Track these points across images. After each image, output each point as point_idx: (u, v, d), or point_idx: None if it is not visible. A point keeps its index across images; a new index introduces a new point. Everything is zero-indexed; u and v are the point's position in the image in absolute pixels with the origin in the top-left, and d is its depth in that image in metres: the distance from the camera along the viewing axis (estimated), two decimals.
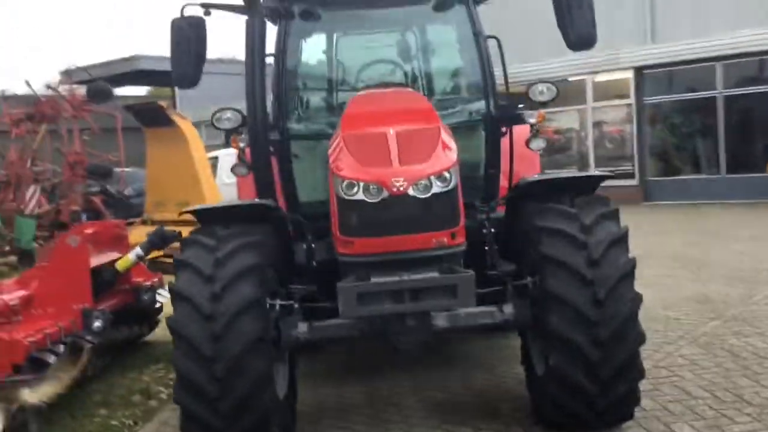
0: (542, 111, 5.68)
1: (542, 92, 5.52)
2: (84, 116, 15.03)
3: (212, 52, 5.37)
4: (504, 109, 5.73)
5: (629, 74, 19.65)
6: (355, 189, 4.12)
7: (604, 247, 4.16)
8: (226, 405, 4.03)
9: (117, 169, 16.00)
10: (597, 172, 4.93)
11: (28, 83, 15.31)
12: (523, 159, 5.96)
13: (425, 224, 4.14)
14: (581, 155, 20.93)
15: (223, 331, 4.00)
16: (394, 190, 4.06)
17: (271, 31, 5.72)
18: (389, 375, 5.84)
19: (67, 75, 15.41)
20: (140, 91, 40.94)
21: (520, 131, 5.78)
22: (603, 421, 4.29)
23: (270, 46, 5.72)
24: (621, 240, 4.25)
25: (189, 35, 5.37)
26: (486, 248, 4.80)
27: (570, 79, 20.61)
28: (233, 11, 5.53)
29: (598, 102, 20.27)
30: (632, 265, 4.19)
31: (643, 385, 5.13)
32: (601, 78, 20.25)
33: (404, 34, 6.27)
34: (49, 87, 15.45)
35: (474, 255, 4.85)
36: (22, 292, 5.92)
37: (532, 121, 5.64)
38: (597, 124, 20.64)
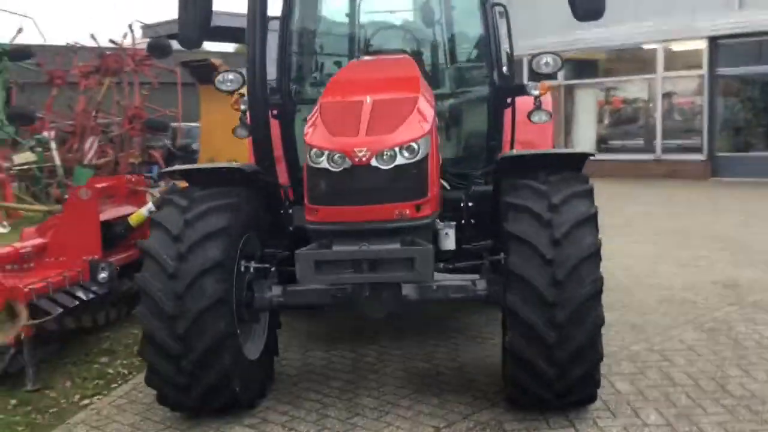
0: (546, 83, 5.55)
1: (547, 64, 5.37)
2: (144, 71, 15.44)
3: None
4: (508, 79, 5.61)
5: (703, 44, 18.82)
6: (321, 157, 4.13)
7: (568, 227, 4.05)
8: (186, 362, 4.15)
9: (174, 124, 16.39)
10: (581, 150, 4.78)
11: (93, 36, 15.83)
12: (534, 131, 5.88)
13: (388, 195, 4.11)
14: (648, 127, 20.26)
15: (185, 291, 4.10)
16: (357, 160, 4.05)
17: None
18: (382, 342, 5.87)
19: (132, 30, 15.77)
20: (228, 47, 41.40)
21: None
22: (563, 402, 4.22)
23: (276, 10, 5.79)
24: (588, 220, 4.13)
25: None
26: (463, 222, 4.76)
27: (644, 47, 19.97)
28: None
29: (668, 72, 19.49)
30: (597, 246, 4.06)
31: (629, 368, 5.11)
32: (675, 47, 19.46)
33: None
34: (111, 41, 15.86)
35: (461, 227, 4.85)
36: (38, 241, 6.21)
37: (535, 93, 5.51)
38: (666, 95, 19.91)
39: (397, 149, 4.09)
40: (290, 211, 4.93)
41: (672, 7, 18.51)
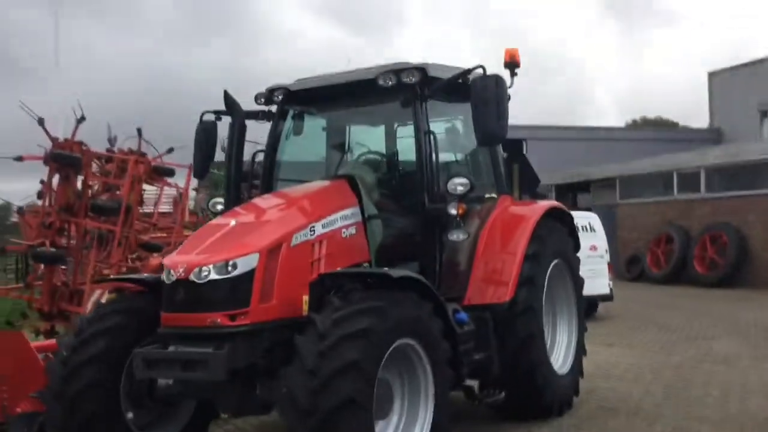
0: (463, 204, 5.82)
1: (460, 186, 5.74)
2: None
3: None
4: (437, 200, 5.95)
5: None
6: (163, 271, 5.02)
7: (335, 340, 4.39)
8: (73, 426, 5.10)
9: None
10: (391, 271, 4.98)
11: None
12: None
13: (202, 305, 4.86)
14: None
15: (69, 376, 5.12)
16: (178, 274, 4.87)
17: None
18: None
19: None
20: None
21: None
22: None
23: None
24: (357, 335, 4.42)
25: (201, 138, 6.68)
26: None
27: None
28: (226, 114, 6.68)
29: None
30: (353, 360, 4.33)
31: None
32: None
33: (373, 129, 6.81)
34: None
35: None
36: None
37: (453, 212, 5.81)
38: None
39: (211, 266, 4.82)
40: None
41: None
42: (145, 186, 14.48)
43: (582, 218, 15.41)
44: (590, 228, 14.98)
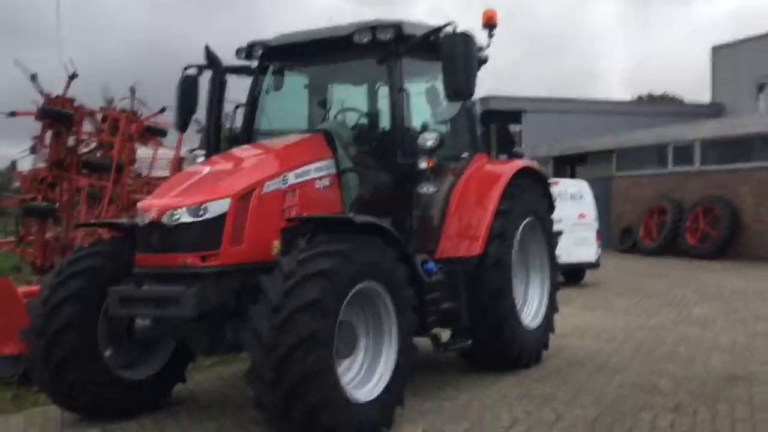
0: (433, 158, 5.99)
1: (429, 139, 5.91)
2: None
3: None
4: (409, 156, 6.12)
5: None
6: (138, 213, 5.22)
7: (298, 279, 4.59)
8: (47, 368, 5.33)
9: None
10: (355, 217, 5.19)
11: None
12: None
13: (174, 247, 5.05)
14: None
15: (50, 313, 5.33)
16: (151, 217, 5.06)
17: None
18: None
19: None
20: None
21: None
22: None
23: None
24: (320, 275, 4.61)
25: (183, 92, 6.82)
26: None
27: None
28: (207, 69, 6.84)
29: None
30: (314, 299, 4.53)
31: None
32: None
33: (354, 87, 6.96)
34: None
35: None
36: None
37: (423, 166, 5.99)
38: None
39: (182, 209, 5.01)
40: None
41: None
42: (142, 148, 14.70)
43: (572, 186, 15.60)
44: (579, 196, 15.13)
